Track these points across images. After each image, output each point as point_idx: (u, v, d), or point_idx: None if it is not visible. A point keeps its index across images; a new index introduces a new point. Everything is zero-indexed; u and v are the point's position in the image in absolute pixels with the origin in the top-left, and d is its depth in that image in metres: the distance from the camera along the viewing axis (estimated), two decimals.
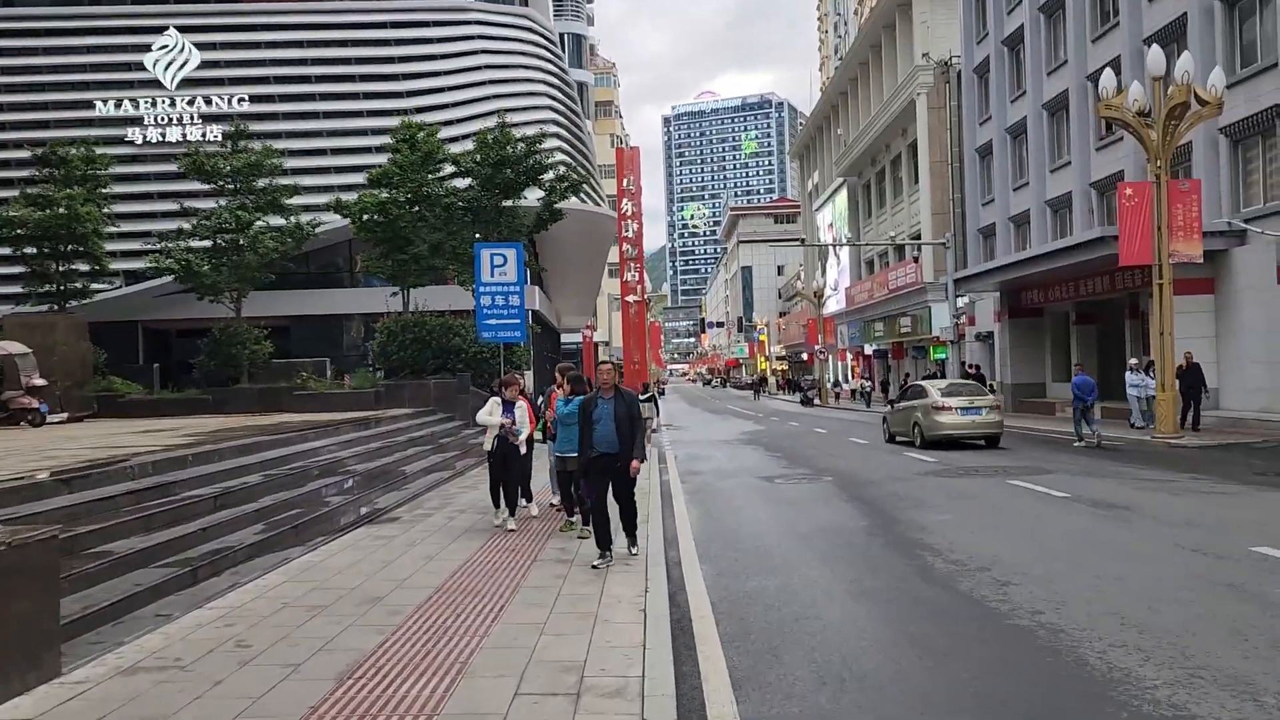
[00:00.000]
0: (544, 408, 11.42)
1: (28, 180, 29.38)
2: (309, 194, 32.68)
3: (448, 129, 35.36)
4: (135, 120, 39.87)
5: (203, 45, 40.20)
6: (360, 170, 30.36)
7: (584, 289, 53.96)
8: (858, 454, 20.10)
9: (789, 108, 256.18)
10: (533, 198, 29.72)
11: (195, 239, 28.08)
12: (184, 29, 40.07)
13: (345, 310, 39.85)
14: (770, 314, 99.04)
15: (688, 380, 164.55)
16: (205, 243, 27.90)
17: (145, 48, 39.96)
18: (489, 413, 10.58)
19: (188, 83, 40.06)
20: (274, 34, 41.14)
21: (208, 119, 39.17)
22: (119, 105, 39.84)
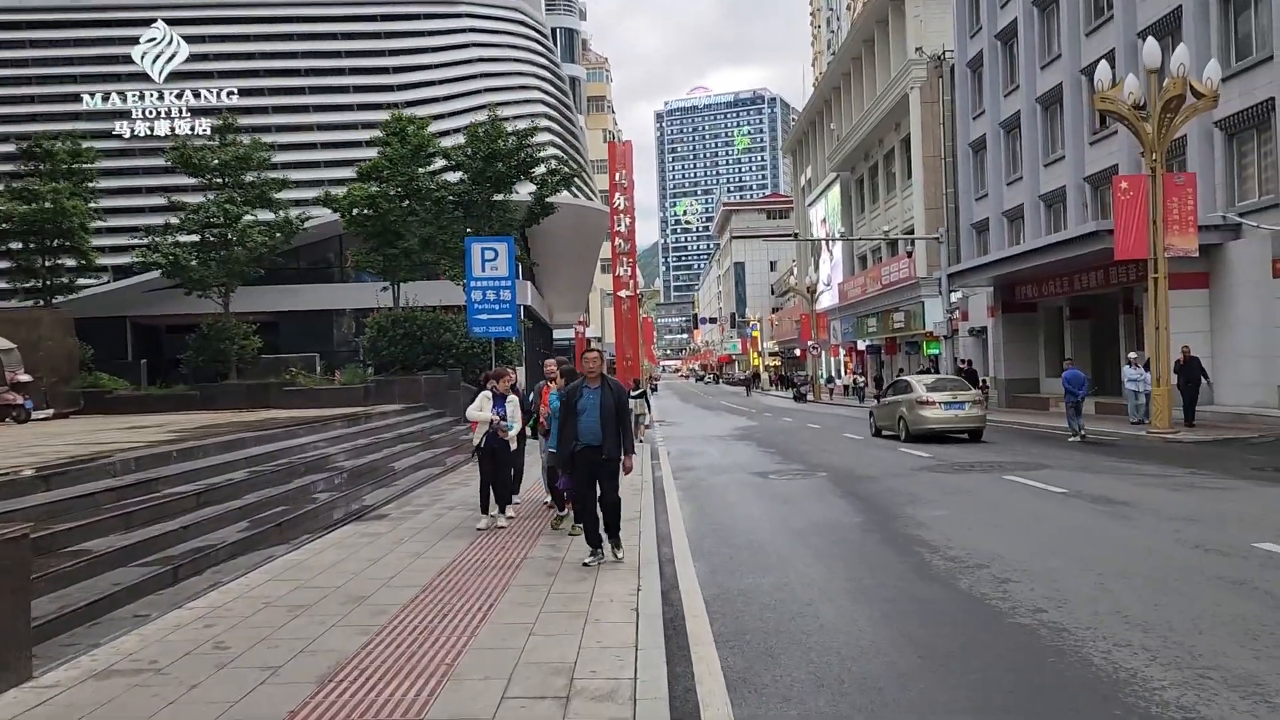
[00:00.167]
0: (535, 403, 11.22)
1: (13, 174, 29.05)
2: (298, 188, 32.41)
3: (439, 122, 35.09)
4: (123, 114, 39.57)
5: (191, 38, 39.90)
6: (350, 164, 30.12)
7: (576, 284, 53.77)
8: (851, 449, 19.96)
9: (781, 103, 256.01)
10: (524, 192, 29.51)
11: (183, 233, 27.79)
12: (172, 21, 39.76)
13: (336, 305, 39.57)
14: (763, 310, 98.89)
15: (680, 376, 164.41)
16: (193, 237, 27.62)
17: (133, 40, 39.64)
18: (479, 407, 10.35)
19: (176, 76, 39.77)
20: (263, 26, 40.84)
21: (196, 112, 38.88)
22: (106, 98, 39.52)
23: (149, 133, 39.09)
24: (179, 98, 39.41)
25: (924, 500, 11.89)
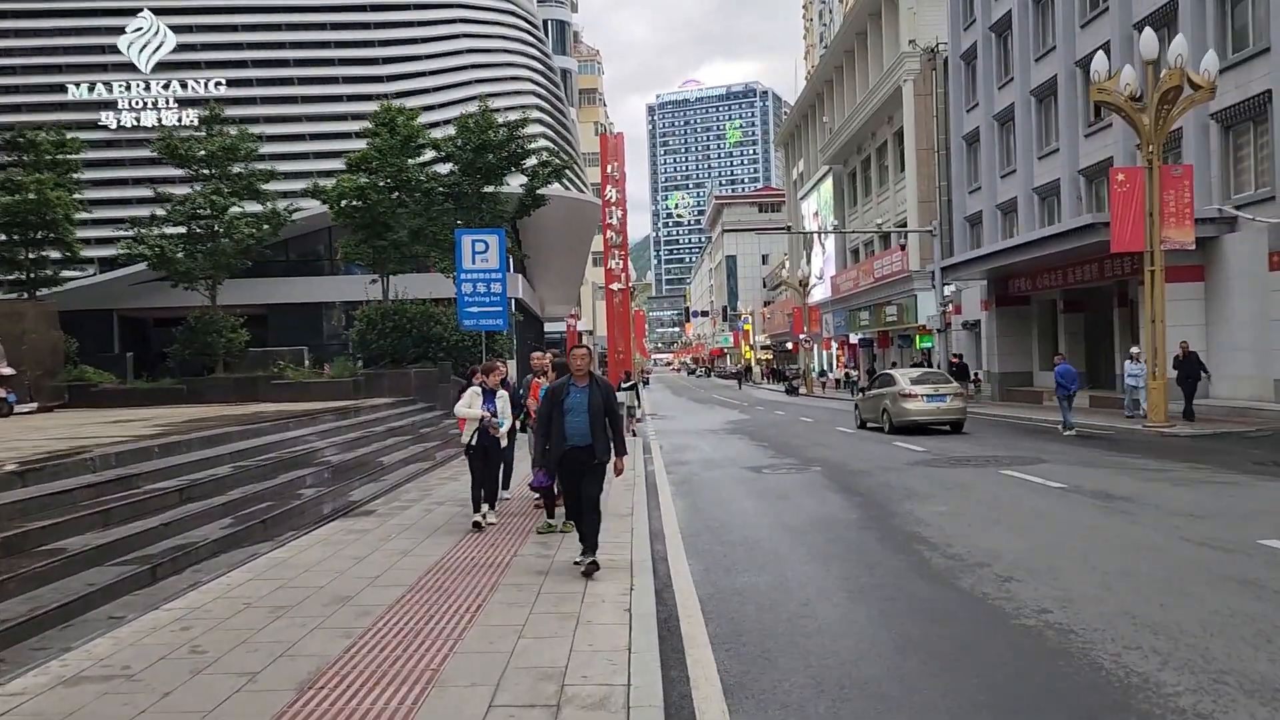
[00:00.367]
0: (525, 396, 10.99)
1: None
2: (287, 179, 32.03)
3: (429, 114, 34.76)
4: (109, 104, 39.04)
5: (178, 28, 39.39)
6: (340, 156, 29.77)
7: (568, 277, 53.48)
8: (845, 443, 19.79)
9: (773, 97, 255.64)
10: (515, 184, 29.22)
11: (169, 225, 27.43)
12: (159, 11, 39.22)
13: (325, 298, 39.22)
14: (755, 303, 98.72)
15: (672, 370, 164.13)
16: (179, 229, 27.27)
17: (119, 30, 39.11)
18: (468, 404, 10.06)
19: (163, 66, 39.25)
20: (251, 16, 40.35)
21: (183, 103, 38.36)
22: (92, 89, 39.00)
23: (136, 123, 38.60)
24: (166, 88, 38.91)
25: (921, 496, 11.71)
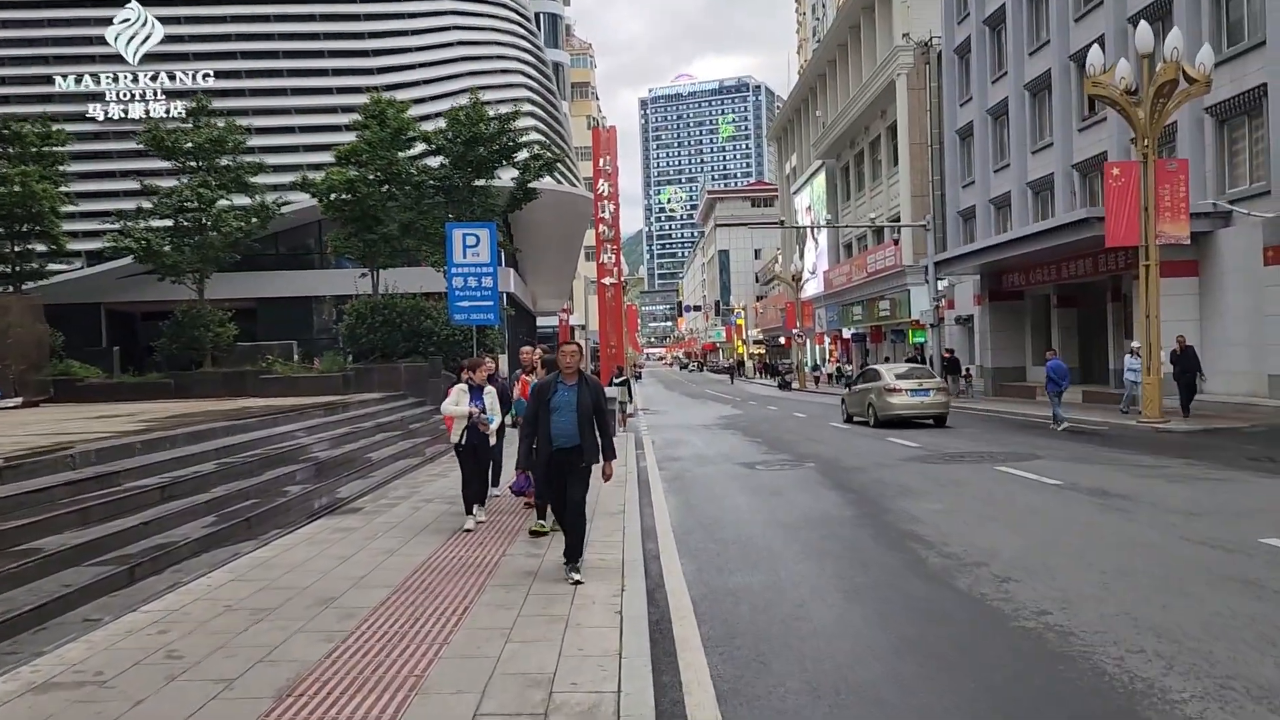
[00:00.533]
0: (514, 392, 10.81)
1: None
2: (276, 172, 31.77)
3: (420, 106, 34.50)
4: (96, 96, 38.76)
5: (166, 19, 39.09)
6: (329, 149, 29.52)
7: (560, 272, 53.29)
8: (838, 438, 19.67)
9: (766, 91, 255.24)
10: (506, 177, 29.01)
11: (156, 218, 27.13)
12: (146, 1, 38.87)
13: (316, 292, 38.98)
14: (748, 298, 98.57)
15: (665, 364, 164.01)
16: (166, 222, 26.97)
17: (106, 21, 38.77)
18: (455, 402, 9.84)
19: (150, 57, 38.96)
20: (240, 7, 40.06)
21: (171, 95, 38.08)
22: (79, 80, 38.70)
23: (123, 115, 38.29)
24: (153, 80, 38.61)
25: (916, 492, 11.57)
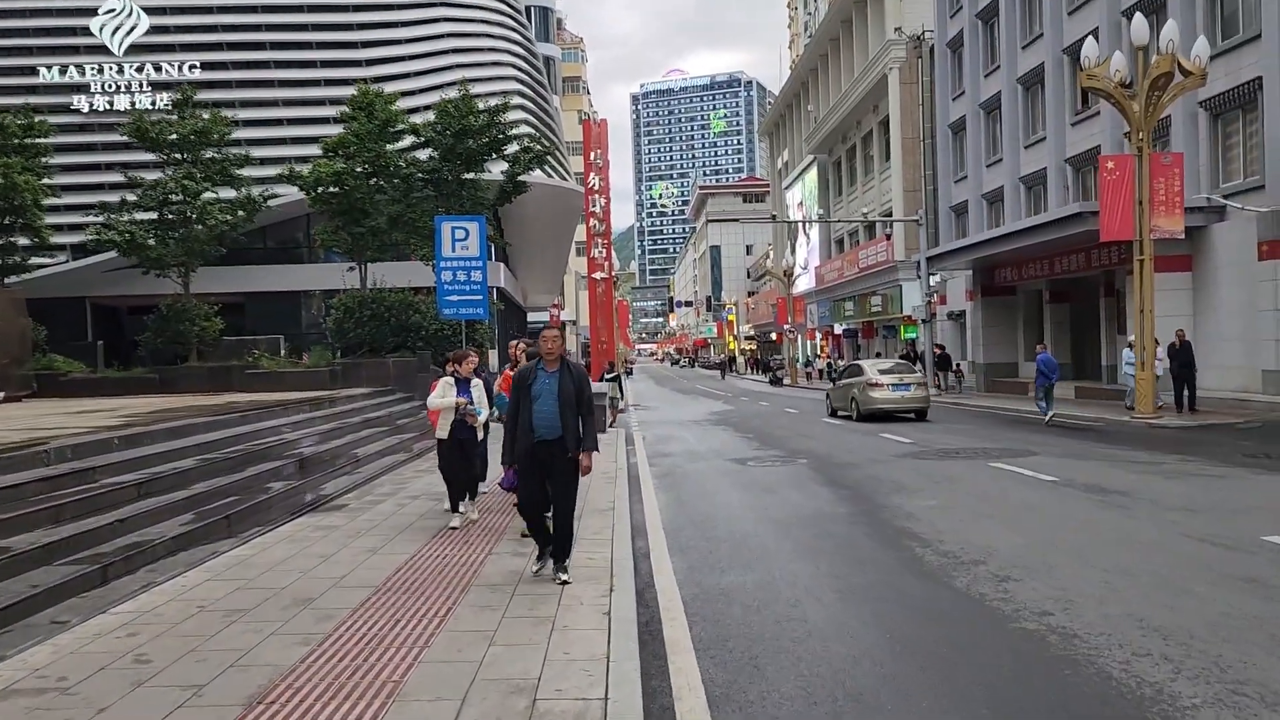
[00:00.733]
0: (494, 385, 10.59)
1: None
2: (264, 166, 31.45)
3: (409, 99, 34.20)
4: (81, 87, 38.29)
5: (152, 9, 38.66)
6: (317, 141, 29.23)
7: (551, 266, 53.04)
8: (831, 434, 19.50)
9: (758, 87, 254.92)
10: (496, 171, 28.73)
11: (140, 211, 26.78)
12: None
13: (304, 287, 38.64)
14: (739, 293, 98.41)
15: (656, 360, 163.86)
16: (151, 214, 26.62)
17: (91, 11, 38.30)
18: (441, 394, 9.60)
19: (136, 49, 38.53)
20: None
21: (157, 87, 37.64)
22: (64, 72, 38.22)
23: (108, 107, 37.89)
24: (139, 71, 38.17)
25: (910, 489, 11.39)
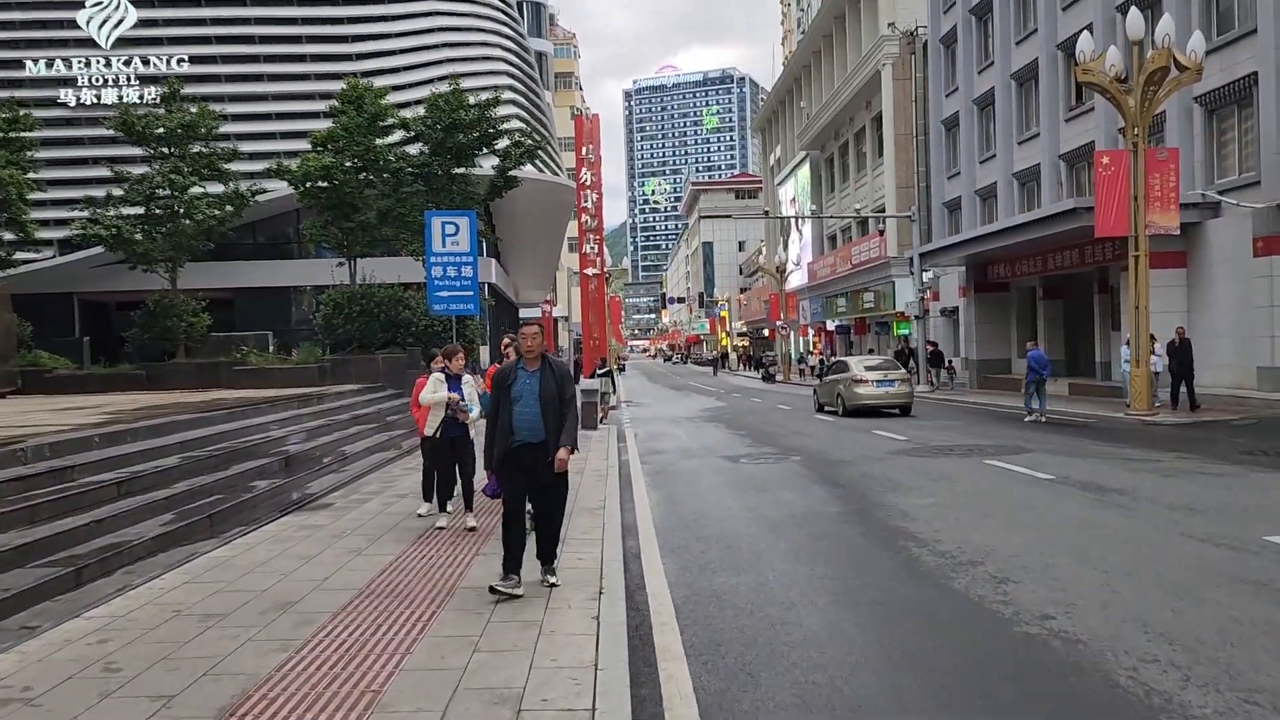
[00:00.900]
0: (481, 386, 10.36)
1: None
2: (253, 160, 31.15)
3: (399, 93, 33.86)
4: (68, 81, 37.89)
5: (139, 2, 38.22)
6: (306, 136, 28.94)
7: (543, 262, 52.80)
8: (824, 431, 19.34)
9: (751, 83, 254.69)
10: (487, 166, 28.49)
11: (127, 205, 26.47)
12: None
13: (294, 282, 38.36)
14: (731, 290, 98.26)
15: (648, 356, 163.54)
16: (137, 209, 26.31)
17: (79, 4, 37.92)
18: (433, 390, 9.40)
19: (124, 42, 38.17)
20: None
21: (145, 80, 37.28)
22: (50, 65, 37.82)
23: (95, 101, 37.49)
24: (127, 65, 37.81)
25: (905, 487, 11.24)
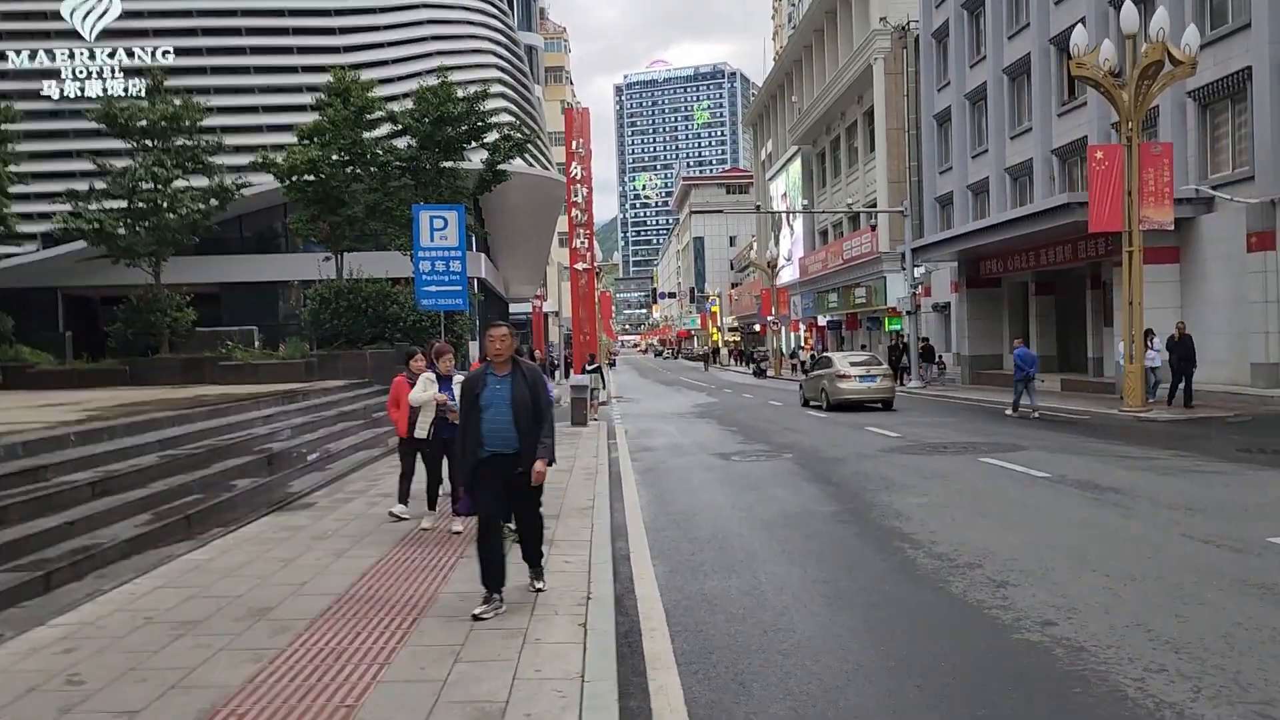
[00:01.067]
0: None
1: None
2: (238, 154, 30.78)
3: (388, 86, 33.50)
4: (52, 73, 37.42)
5: None
6: (293, 129, 28.59)
7: (533, 257, 52.47)
8: (816, 428, 19.17)
9: (742, 78, 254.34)
10: (476, 159, 28.19)
11: (109, 199, 26.10)
12: None
13: (281, 277, 37.97)
14: (723, 285, 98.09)
15: (639, 351, 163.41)
16: (120, 203, 25.94)
17: None
18: (423, 389, 9.15)
19: (108, 34, 37.68)
20: None
21: (130, 73, 36.82)
22: (34, 57, 37.35)
23: (79, 93, 37.03)
24: (111, 57, 37.33)
25: (899, 486, 11.06)
